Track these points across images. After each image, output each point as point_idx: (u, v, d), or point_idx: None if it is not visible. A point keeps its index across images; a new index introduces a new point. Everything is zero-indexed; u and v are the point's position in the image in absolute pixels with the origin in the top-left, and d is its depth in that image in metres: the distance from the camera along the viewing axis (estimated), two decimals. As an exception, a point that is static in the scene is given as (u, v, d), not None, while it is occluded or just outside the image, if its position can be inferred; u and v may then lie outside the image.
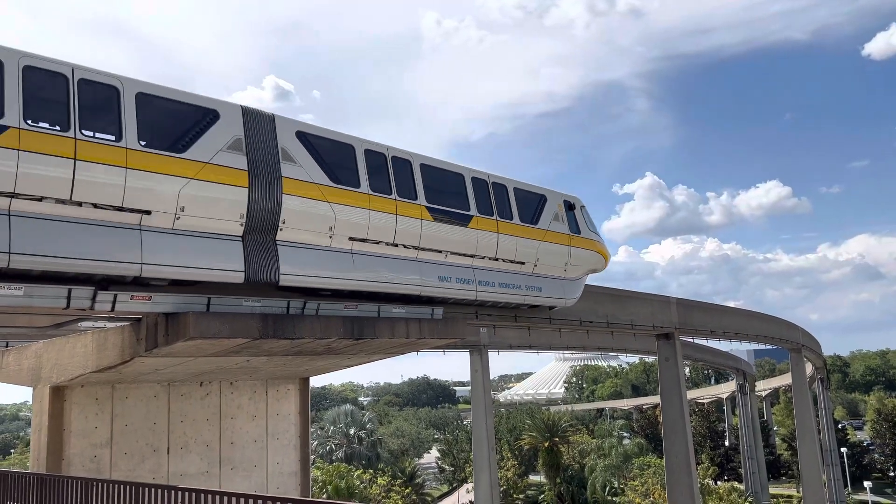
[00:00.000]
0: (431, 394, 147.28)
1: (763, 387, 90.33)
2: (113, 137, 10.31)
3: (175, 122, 11.25)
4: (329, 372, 18.57)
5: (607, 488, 54.18)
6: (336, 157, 13.20)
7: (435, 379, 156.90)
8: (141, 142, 10.56)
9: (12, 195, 9.46)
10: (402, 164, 14.26)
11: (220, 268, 11.36)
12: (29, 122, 9.56)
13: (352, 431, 61.20)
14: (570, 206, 18.22)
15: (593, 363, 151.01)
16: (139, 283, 11.07)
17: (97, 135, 10.19)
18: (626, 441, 64.79)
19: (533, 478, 67.94)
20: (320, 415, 71.61)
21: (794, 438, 53.90)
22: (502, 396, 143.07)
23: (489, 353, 39.83)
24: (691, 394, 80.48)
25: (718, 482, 62.51)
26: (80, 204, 10.01)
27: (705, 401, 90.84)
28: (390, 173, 13.96)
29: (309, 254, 12.55)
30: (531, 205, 17.02)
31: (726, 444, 76.71)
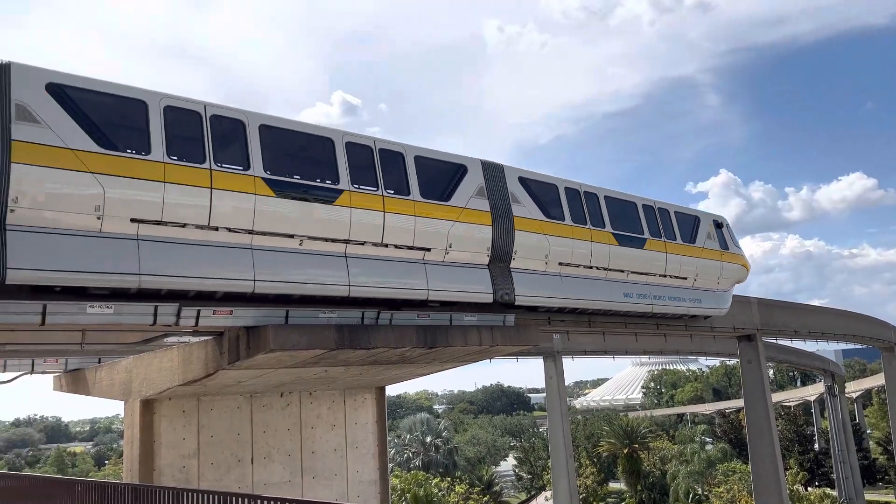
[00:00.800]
0: (506, 401, 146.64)
1: (853, 388, 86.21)
2: (402, 193, 13.08)
3: (440, 177, 13.97)
4: (404, 381, 18.76)
5: (691, 495, 52.79)
6: (546, 196, 15.68)
7: (509, 386, 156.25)
8: (421, 195, 13.29)
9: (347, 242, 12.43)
10: (592, 197, 16.77)
11: (476, 290, 14.04)
12: (356, 185, 12.47)
13: (428, 439, 61.52)
14: (718, 225, 20.77)
15: (672, 367, 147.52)
16: (422, 305, 13.74)
17: (394, 193, 12.95)
18: (708, 446, 62.95)
19: (613, 485, 66.73)
20: (396, 423, 72.27)
21: (890, 442, 51.31)
22: (578, 403, 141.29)
23: (563, 359, 39.41)
24: (776, 396, 77.57)
25: (809, 488, 60.02)
26: (386, 245, 12.82)
27: (791, 403, 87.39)
28: (584, 206, 16.43)
29: (533, 277, 15.11)
30: (689, 225, 19.53)
31: (816, 448, 73.57)
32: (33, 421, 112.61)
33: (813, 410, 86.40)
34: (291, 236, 11.70)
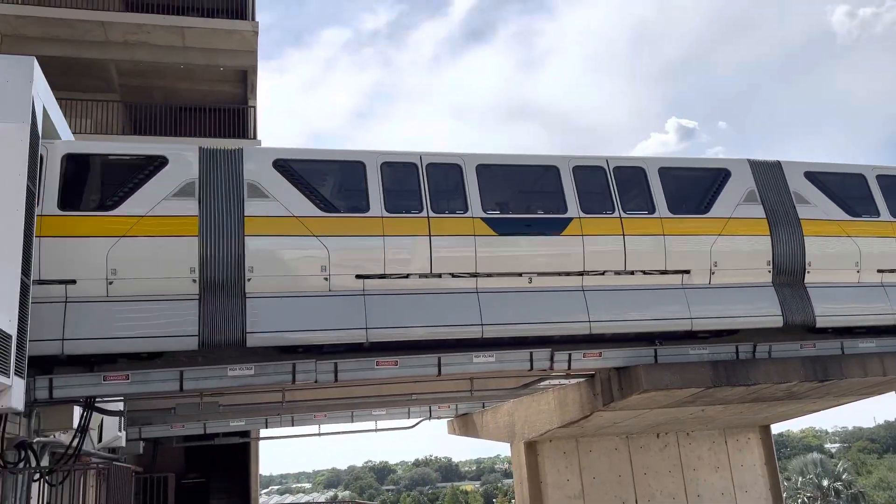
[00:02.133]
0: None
1: None
2: (646, 212, 11.90)
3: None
4: (791, 418, 17.10)
5: None
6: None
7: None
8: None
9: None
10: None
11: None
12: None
13: (825, 483, 54.87)
14: None
15: None
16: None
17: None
18: None
19: None
20: (783, 465, 65.82)
21: None
22: None
23: None
24: None
25: None
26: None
27: None
28: None
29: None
30: None
31: None
32: (430, 461, 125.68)
33: None
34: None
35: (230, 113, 22.15)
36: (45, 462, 9.74)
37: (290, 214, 10.22)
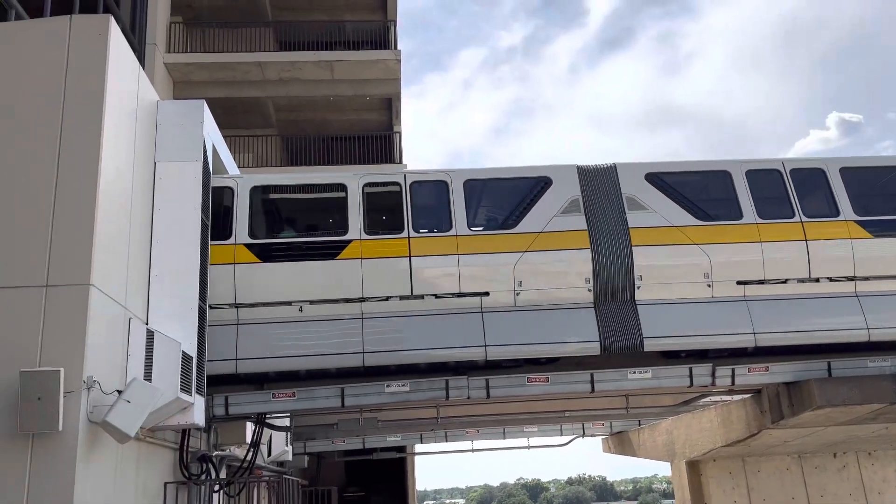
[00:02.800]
0: None
1: None
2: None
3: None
4: None
5: None
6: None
7: None
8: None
9: None
10: None
11: None
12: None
13: None
14: None
15: None
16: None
17: None
18: None
19: None
20: None
21: None
22: None
23: None
24: None
25: None
26: None
27: None
28: None
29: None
30: None
31: None
32: (583, 480, 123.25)
33: None
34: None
35: (377, 140, 23.08)
36: (223, 474, 10.47)
37: (669, 224, 10.73)
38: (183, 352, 7.81)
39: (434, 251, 10.26)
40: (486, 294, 10.21)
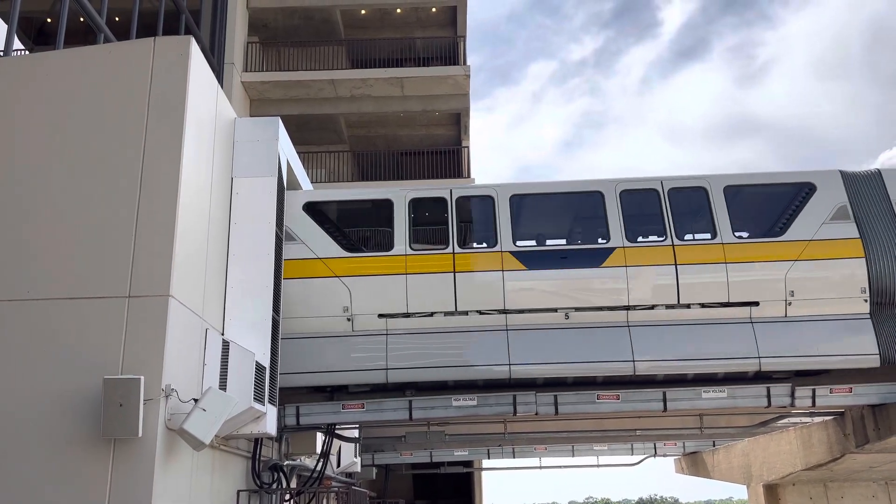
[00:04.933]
0: None
1: None
2: None
3: None
4: None
5: None
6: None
7: None
8: None
9: None
10: None
11: None
12: None
13: None
14: None
15: None
16: None
17: None
18: None
19: None
20: None
21: None
22: None
23: None
24: None
25: None
26: None
27: None
28: None
29: None
30: None
31: None
32: (654, 501, 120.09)
33: None
34: None
35: (446, 154, 23.24)
36: (293, 484, 10.65)
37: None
38: (256, 362, 8.00)
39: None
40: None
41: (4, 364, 6.73)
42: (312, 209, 10.33)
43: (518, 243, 10.27)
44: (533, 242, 10.61)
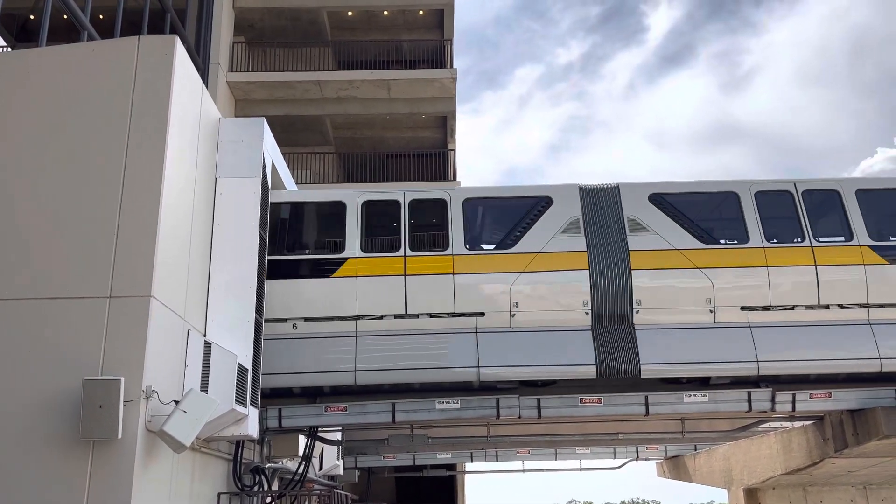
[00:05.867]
0: None
1: None
2: None
3: None
4: None
5: None
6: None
7: None
8: None
9: None
10: None
11: None
12: None
13: None
14: None
15: None
16: None
17: None
18: None
19: None
20: None
21: None
22: None
23: None
24: None
25: None
26: None
27: None
28: None
29: None
30: None
31: None
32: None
33: None
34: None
35: (432, 157, 23.26)
36: (275, 486, 10.60)
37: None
38: (238, 364, 7.96)
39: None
40: (482, 314, 9.99)
41: (-18, 364, 6.65)
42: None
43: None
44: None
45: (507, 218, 10.72)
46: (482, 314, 10.01)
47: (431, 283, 10.04)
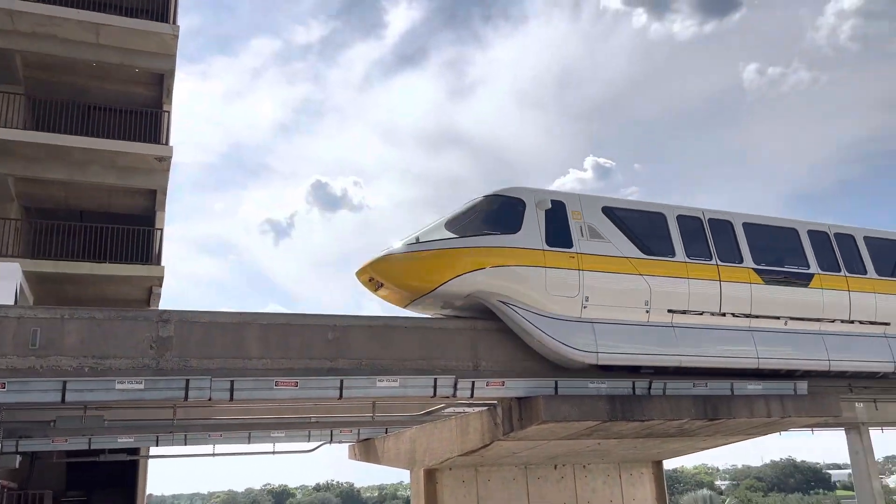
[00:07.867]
0: (800, 478, 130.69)
1: None
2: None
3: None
4: (684, 455, 17.63)
5: None
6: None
7: (803, 461, 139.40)
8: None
9: None
10: None
11: None
12: None
13: (713, 519, 56.89)
14: None
15: None
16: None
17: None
18: None
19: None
20: (675, 500, 67.87)
21: None
22: (893, 481, 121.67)
23: (871, 431, 34.34)
24: None
25: None
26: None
27: None
28: None
29: None
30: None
31: None
32: (331, 486, 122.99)
33: None
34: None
35: (143, 116, 21.41)
36: None
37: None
38: None
39: None
40: None
41: None
42: None
43: None
44: None
45: None
46: None
47: None
